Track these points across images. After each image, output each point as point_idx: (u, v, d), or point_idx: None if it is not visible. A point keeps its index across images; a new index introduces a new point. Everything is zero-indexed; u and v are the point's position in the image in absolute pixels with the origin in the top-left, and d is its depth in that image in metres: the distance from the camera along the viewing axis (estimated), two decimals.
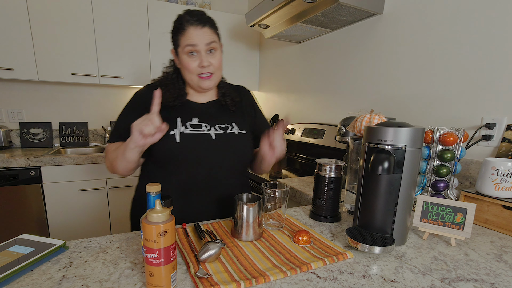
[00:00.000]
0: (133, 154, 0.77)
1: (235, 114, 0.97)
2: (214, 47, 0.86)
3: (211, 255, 0.58)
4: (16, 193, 1.77)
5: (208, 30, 0.85)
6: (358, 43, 1.61)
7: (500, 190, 0.80)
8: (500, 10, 1.00)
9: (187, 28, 0.84)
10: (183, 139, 0.85)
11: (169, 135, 0.84)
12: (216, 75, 0.90)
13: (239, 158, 0.93)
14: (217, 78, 0.91)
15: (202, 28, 0.84)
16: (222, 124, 0.92)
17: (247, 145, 0.94)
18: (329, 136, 1.75)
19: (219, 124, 0.92)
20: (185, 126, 0.87)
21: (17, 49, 1.88)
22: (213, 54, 0.87)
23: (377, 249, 0.62)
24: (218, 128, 0.91)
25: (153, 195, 0.58)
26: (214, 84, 0.91)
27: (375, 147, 0.68)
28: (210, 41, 0.85)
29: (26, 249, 0.60)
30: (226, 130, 0.92)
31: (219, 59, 0.89)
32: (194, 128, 0.88)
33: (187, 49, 0.84)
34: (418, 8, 1.27)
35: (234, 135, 0.92)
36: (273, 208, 0.77)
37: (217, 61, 0.88)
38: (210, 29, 0.86)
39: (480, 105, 1.07)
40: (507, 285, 0.55)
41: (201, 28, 0.84)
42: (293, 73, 2.26)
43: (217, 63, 0.88)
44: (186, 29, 0.84)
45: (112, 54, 2.14)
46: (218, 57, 0.88)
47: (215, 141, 0.88)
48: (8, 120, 2.23)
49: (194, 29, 0.84)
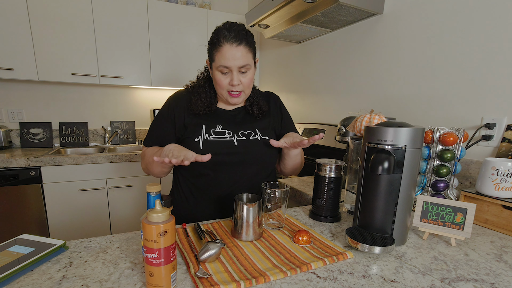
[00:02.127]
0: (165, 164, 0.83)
1: (260, 120, 0.98)
2: (247, 68, 0.86)
3: (211, 255, 0.58)
4: (16, 193, 1.77)
5: (243, 50, 0.84)
6: (358, 43, 1.61)
7: (500, 190, 0.80)
8: (500, 10, 1.00)
9: (223, 45, 0.83)
10: (206, 146, 0.88)
11: (194, 142, 0.88)
12: (245, 92, 0.91)
13: (262, 164, 0.95)
14: (245, 95, 0.92)
15: (238, 47, 0.83)
16: (245, 130, 0.94)
17: (269, 151, 0.94)
18: (329, 136, 1.75)
19: (242, 131, 0.94)
20: (209, 133, 0.90)
21: (17, 49, 1.88)
22: (244, 74, 0.87)
23: (377, 249, 0.62)
24: (240, 135, 0.93)
25: (153, 195, 0.58)
26: (242, 100, 0.93)
27: (375, 147, 0.68)
28: (244, 64, 0.84)
29: (26, 249, 0.60)
30: (249, 137, 0.93)
31: (250, 78, 0.89)
32: (217, 135, 0.91)
33: (220, 68, 0.85)
34: (418, 8, 1.27)
35: (257, 141, 0.93)
36: (273, 208, 0.77)
37: (248, 80, 0.88)
38: (245, 48, 0.85)
39: (480, 105, 1.07)
40: (507, 285, 0.55)
41: (237, 46, 0.83)
42: (293, 73, 2.26)
43: (248, 82, 0.89)
44: (222, 46, 0.83)
45: (112, 54, 2.14)
46: (249, 76, 0.89)
47: (237, 147, 0.90)
48: (8, 120, 2.23)
49: (229, 48, 0.83)
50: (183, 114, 0.93)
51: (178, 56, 2.36)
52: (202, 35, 2.42)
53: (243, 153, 0.90)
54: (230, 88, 0.88)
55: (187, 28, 2.36)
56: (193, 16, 2.36)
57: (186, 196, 0.95)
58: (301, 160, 1.03)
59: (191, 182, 0.94)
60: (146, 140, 0.96)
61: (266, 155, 0.94)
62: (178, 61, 2.37)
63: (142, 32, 2.20)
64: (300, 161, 1.02)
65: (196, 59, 2.42)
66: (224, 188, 0.92)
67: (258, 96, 1.00)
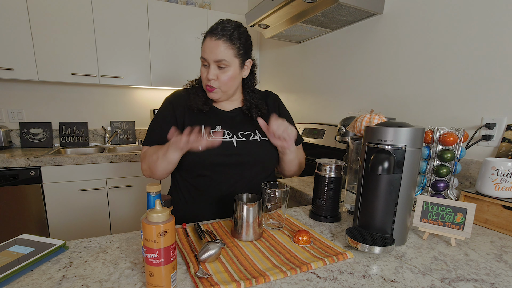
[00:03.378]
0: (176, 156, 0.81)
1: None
2: (225, 65, 0.85)
3: (211, 255, 0.58)
4: (16, 193, 1.77)
5: (223, 45, 0.83)
6: (358, 43, 1.61)
7: (500, 190, 0.80)
8: (500, 10, 1.00)
9: (206, 37, 0.86)
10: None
11: None
12: (222, 90, 0.89)
13: (261, 165, 0.94)
14: (222, 93, 0.90)
15: (217, 41, 0.83)
16: (244, 131, 0.94)
17: (269, 152, 0.94)
18: (329, 136, 1.75)
19: (242, 132, 0.93)
20: (208, 133, 0.90)
21: (17, 49, 1.88)
22: (223, 70, 0.86)
23: (377, 249, 0.62)
24: (240, 136, 0.92)
25: (153, 195, 0.58)
26: (220, 97, 0.92)
27: (375, 147, 0.68)
28: (219, 59, 0.84)
29: (26, 249, 0.60)
30: (248, 138, 0.93)
31: (229, 76, 0.87)
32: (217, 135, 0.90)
33: (201, 59, 0.88)
34: (418, 8, 1.27)
35: (256, 143, 0.93)
36: (273, 208, 0.77)
37: (226, 77, 0.87)
38: (225, 43, 0.84)
39: (480, 105, 1.07)
40: (507, 285, 0.55)
41: (216, 40, 0.83)
42: (293, 73, 2.26)
43: (225, 80, 0.87)
44: (205, 38, 0.86)
45: (112, 54, 2.14)
46: (228, 74, 0.87)
47: (236, 148, 0.89)
48: (8, 120, 2.23)
49: (209, 40, 0.85)
50: (183, 113, 0.92)
51: (178, 56, 2.36)
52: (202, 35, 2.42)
53: (242, 154, 0.90)
54: (206, 83, 0.88)
55: (187, 28, 2.36)
56: (193, 16, 2.36)
57: (184, 197, 0.95)
58: (298, 167, 1.01)
59: (189, 183, 0.93)
60: (147, 140, 0.94)
61: (265, 156, 0.94)
62: (178, 61, 2.37)
63: (142, 32, 2.20)
64: (296, 168, 1.00)
65: (196, 59, 2.41)
66: (223, 189, 0.91)
67: (258, 99, 0.99)
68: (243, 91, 1.00)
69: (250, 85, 1.00)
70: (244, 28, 0.90)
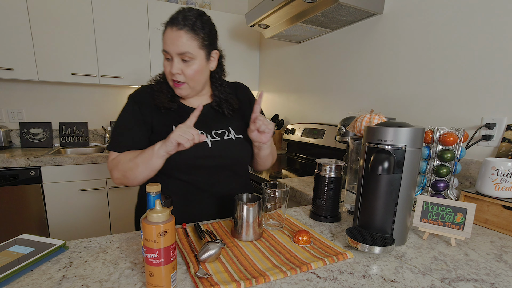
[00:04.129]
0: (161, 162, 0.76)
1: (232, 116, 0.93)
2: (190, 57, 0.79)
3: (211, 255, 0.58)
4: (16, 193, 1.77)
5: (185, 35, 0.77)
6: (358, 43, 1.61)
7: (500, 190, 0.80)
8: (500, 10, 1.00)
9: (166, 28, 0.79)
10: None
11: None
12: (190, 85, 0.83)
13: (238, 163, 0.91)
14: (190, 89, 0.84)
15: (179, 31, 0.77)
16: (218, 130, 0.89)
17: (245, 149, 0.91)
18: (329, 136, 1.75)
19: (215, 130, 0.88)
20: None
21: (17, 49, 1.88)
22: (187, 63, 0.80)
23: (377, 249, 0.62)
24: (214, 135, 0.87)
25: (153, 195, 0.58)
26: (188, 94, 0.86)
27: (375, 147, 0.68)
28: (183, 51, 0.77)
29: (26, 249, 0.60)
30: (223, 137, 0.88)
31: (195, 70, 0.81)
32: None
33: (163, 53, 0.81)
34: (418, 8, 1.27)
35: (231, 141, 0.88)
36: (273, 208, 0.77)
37: (191, 71, 0.80)
38: (188, 34, 0.77)
39: (480, 105, 1.07)
40: (507, 285, 0.55)
41: (177, 30, 0.77)
42: (293, 73, 2.26)
43: (191, 74, 0.81)
44: (165, 29, 0.79)
45: (112, 54, 2.14)
46: (194, 67, 0.80)
47: (211, 149, 0.85)
48: (8, 120, 2.23)
49: (169, 31, 0.78)
50: (150, 112, 0.86)
51: None
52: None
53: (218, 155, 0.85)
54: (172, 78, 0.82)
55: None
56: None
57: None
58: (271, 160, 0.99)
59: (164, 187, 0.87)
60: (115, 146, 0.84)
61: (242, 155, 0.90)
62: None
63: (142, 32, 2.20)
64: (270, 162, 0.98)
65: None
66: (200, 192, 0.87)
67: (227, 94, 0.93)
68: (211, 85, 0.94)
69: (219, 78, 0.93)
70: (208, 17, 0.83)
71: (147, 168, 0.77)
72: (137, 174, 0.78)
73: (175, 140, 0.71)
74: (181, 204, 0.86)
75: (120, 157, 0.82)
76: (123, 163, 0.80)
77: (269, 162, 0.99)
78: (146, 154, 0.76)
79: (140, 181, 0.81)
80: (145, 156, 0.76)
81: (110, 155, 0.85)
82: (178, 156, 0.80)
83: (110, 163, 0.84)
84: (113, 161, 0.83)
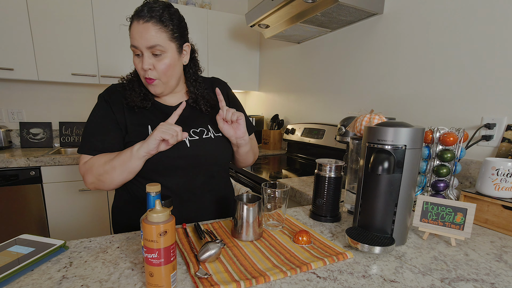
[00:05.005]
0: (140, 164, 0.74)
1: (210, 113, 0.90)
2: (160, 51, 0.75)
3: (211, 255, 0.58)
4: (16, 193, 1.77)
5: (153, 28, 0.73)
6: (358, 43, 1.61)
7: (500, 190, 0.80)
8: (500, 10, 1.00)
9: (132, 22, 0.75)
10: None
11: None
12: (163, 81, 0.79)
13: (218, 162, 0.89)
14: (163, 85, 0.81)
15: (145, 24, 0.72)
16: (197, 128, 0.86)
17: (225, 147, 0.89)
18: (329, 136, 1.75)
19: (194, 129, 0.85)
20: None
21: (17, 49, 1.88)
22: (159, 58, 0.76)
23: (377, 249, 0.62)
24: (193, 134, 0.84)
25: (153, 195, 0.58)
26: (162, 91, 0.82)
27: (375, 147, 0.68)
28: (152, 44, 0.74)
29: (26, 249, 0.60)
30: (201, 135, 0.85)
31: (167, 64, 0.77)
32: None
33: (132, 48, 0.77)
34: (418, 8, 1.27)
35: (210, 140, 0.86)
36: (273, 208, 0.77)
37: (163, 66, 0.77)
38: (156, 26, 0.73)
39: (480, 105, 1.07)
40: (507, 285, 0.55)
41: (144, 23, 0.72)
42: (293, 73, 2.26)
43: (163, 69, 0.77)
44: (132, 23, 0.75)
45: (112, 54, 2.14)
46: (166, 61, 0.77)
47: (190, 149, 0.82)
48: (8, 120, 2.23)
49: (136, 25, 0.74)
50: (122, 112, 0.81)
51: None
52: (202, 35, 2.42)
53: (197, 155, 0.83)
54: (144, 74, 0.78)
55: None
56: (193, 16, 2.36)
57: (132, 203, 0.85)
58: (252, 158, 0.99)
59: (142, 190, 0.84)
60: (87, 148, 0.78)
61: (221, 154, 0.88)
62: None
63: None
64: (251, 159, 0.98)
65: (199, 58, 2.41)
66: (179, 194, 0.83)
67: (203, 90, 0.89)
68: (186, 81, 0.90)
69: (193, 74, 0.90)
70: (175, 8, 0.79)
71: (124, 171, 0.74)
72: (114, 177, 0.75)
73: (159, 136, 0.70)
74: None
75: (93, 160, 0.77)
76: (97, 166, 0.76)
77: (251, 159, 0.98)
78: (124, 156, 0.73)
79: (117, 184, 0.77)
80: (122, 158, 0.73)
81: (82, 158, 0.80)
82: (155, 157, 0.77)
83: (82, 167, 0.79)
84: (85, 164, 0.78)
